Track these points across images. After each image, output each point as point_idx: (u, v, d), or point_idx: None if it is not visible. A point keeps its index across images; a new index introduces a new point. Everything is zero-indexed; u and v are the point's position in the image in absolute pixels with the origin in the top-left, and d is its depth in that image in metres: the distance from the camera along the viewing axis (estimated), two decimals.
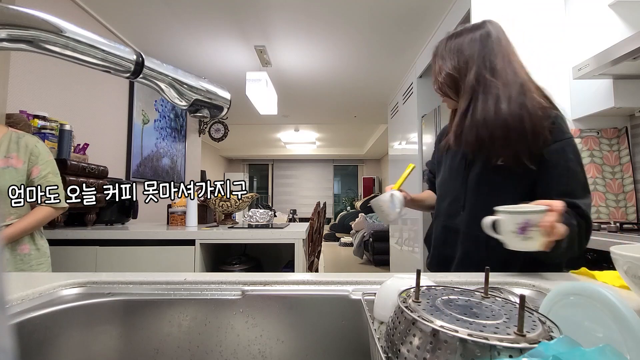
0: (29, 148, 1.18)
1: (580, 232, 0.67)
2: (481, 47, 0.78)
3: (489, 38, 0.78)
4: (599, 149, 1.72)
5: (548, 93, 0.81)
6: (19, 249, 1.17)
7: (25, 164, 1.16)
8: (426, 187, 1.15)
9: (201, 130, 4.43)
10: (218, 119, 3.60)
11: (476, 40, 0.79)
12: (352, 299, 0.58)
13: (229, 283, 0.60)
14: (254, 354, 0.56)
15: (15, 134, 1.18)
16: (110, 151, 2.62)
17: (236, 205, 1.91)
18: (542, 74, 1.77)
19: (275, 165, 9.83)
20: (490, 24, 0.81)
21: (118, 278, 0.61)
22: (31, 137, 1.22)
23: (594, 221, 1.60)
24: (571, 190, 0.71)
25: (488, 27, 0.80)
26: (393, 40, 2.74)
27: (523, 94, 0.74)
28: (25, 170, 1.16)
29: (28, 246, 1.19)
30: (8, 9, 0.26)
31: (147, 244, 1.62)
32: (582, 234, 0.68)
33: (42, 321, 0.50)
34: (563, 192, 0.70)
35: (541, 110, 0.74)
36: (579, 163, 0.74)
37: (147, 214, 3.02)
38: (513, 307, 0.32)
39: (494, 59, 0.77)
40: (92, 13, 2.33)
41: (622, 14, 1.53)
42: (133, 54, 0.34)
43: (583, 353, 0.22)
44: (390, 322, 0.33)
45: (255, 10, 2.35)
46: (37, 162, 1.19)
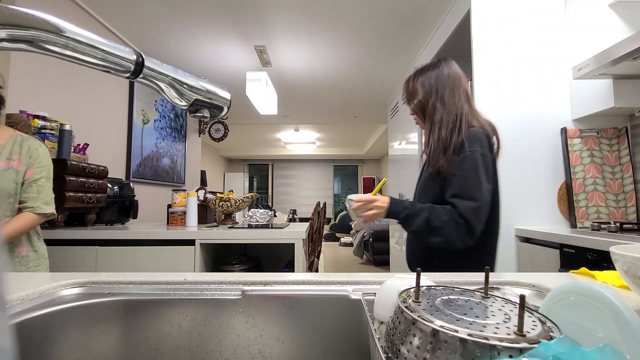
0: (30, 151, 1.19)
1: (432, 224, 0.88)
2: (436, 82, 1.00)
3: (442, 75, 1.00)
4: (599, 149, 1.72)
5: (482, 116, 1.01)
6: (17, 251, 1.17)
7: (24, 166, 1.17)
8: None
9: (201, 130, 4.43)
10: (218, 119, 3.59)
11: (433, 77, 1.01)
12: (352, 299, 0.58)
13: (229, 283, 0.60)
14: (254, 354, 0.56)
15: (20, 137, 1.19)
16: (110, 151, 2.62)
17: (236, 205, 1.91)
18: (542, 74, 1.78)
19: (275, 165, 9.83)
20: (445, 62, 1.03)
21: (118, 278, 0.61)
22: (35, 140, 1.23)
23: (594, 221, 1.60)
24: (457, 194, 0.89)
25: (442, 66, 1.02)
26: (393, 40, 2.74)
27: (459, 120, 0.95)
28: (23, 172, 1.17)
29: (26, 248, 1.19)
30: (8, 9, 0.26)
31: (147, 244, 1.62)
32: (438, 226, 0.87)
33: (42, 321, 0.50)
34: (451, 194, 0.90)
35: (467, 132, 0.93)
36: (475, 172, 0.89)
37: (147, 214, 3.02)
38: (513, 307, 0.32)
39: (444, 91, 0.98)
40: (92, 13, 2.33)
41: (622, 14, 1.53)
42: (133, 54, 0.34)
43: (583, 353, 0.22)
44: (390, 322, 0.33)
45: (255, 10, 2.35)
46: (33, 165, 1.19)
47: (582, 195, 1.69)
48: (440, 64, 1.02)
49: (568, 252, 1.34)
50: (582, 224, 1.67)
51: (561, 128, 1.77)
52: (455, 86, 0.98)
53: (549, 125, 1.78)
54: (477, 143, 0.91)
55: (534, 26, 1.81)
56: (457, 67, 1.02)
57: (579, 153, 1.72)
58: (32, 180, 1.18)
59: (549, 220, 1.74)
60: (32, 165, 1.19)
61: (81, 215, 1.79)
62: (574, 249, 1.31)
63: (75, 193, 1.63)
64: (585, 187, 1.69)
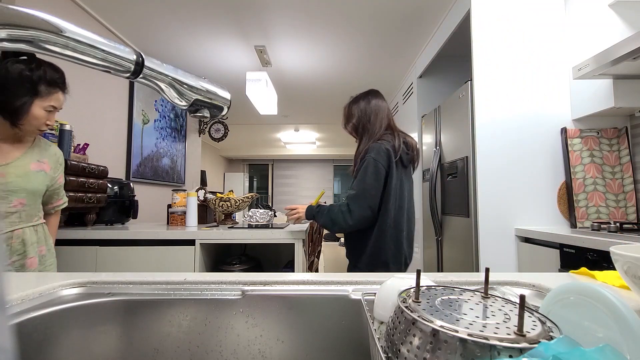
0: (57, 157, 1.27)
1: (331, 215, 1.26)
2: (365, 109, 1.34)
3: (369, 104, 1.34)
4: (599, 149, 1.72)
5: (405, 138, 1.32)
6: (38, 250, 1.20)
7: (52, 170, 1.23)
8: (426, 188, 1.38)
9: (201, 130, 4.43)
10: (218, 119, 3.60)
11: (363, 104, 1.35)
12: (352, 299, 0.58)
13: (229, 283, 0.60)
14: (254, 354, 0.56)
15: (43, 140, 1.25)
16: (110, 151, 2.62)
17: (236, 205, 1.91)
18: (542, 74, 1.78)
19: (275, 165, 9.82)
20: (372, 94, 1.36)
21: (118, 278, 0.61)
22: (54, 145, 1.31)
23: (594, 221, 1.61)
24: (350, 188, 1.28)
25: (370, 97, 1.35)
26: (393, 40, 2.74)
27: (373, 137, 1.29)
28: (52, 176, 1.24)
29: (44, 248, 1.22)
30: (8, 9, 0.26)
31: (147, 244, 1.62)
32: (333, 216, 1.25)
33: (42, 321, 0.50)
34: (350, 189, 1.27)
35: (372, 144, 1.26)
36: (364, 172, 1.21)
37: (147, 214, 3.02)
38: (513, 307, 0.32)
39: (370, 115, 1.32)
40: (92, 13, 2.33)
41: (622, 14, 1.53)
42: (133, 54, 0.34)
43: (583, 353, 0.22)
44: (390, 322, 0.33)
45: (255, 10, 2.35)
46: (62, 172, 1.31)
47: (582, 195, 1.69)
48: (369, 95, 1.36)
49: (568, 252, 1.35)
50: (582, 224, 1.67)
51: (561, 128, 1.77)
52: (379, 113, 1.32)
53: (549, 125, 1.78)
54: (374, 152, 1.22)
55: (534, 26, 1.81)
56: (382, 99, 1.36)
57: (579, 153, 1.72)
58: (61, 185, 1.31)
59: (549, 220, 1.74)
60: (61, 172, 1.30)
61: (81, 215, 1.79)
62: (574, 249, 1.31)
63: (75, 193, 1.63)
64: (585, 187, 1.69)
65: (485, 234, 1.74)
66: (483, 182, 1.76)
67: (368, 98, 1.35)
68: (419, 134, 2.79)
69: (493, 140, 1.77)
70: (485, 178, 1.76)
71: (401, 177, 1.26)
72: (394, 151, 1.24)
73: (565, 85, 1.78)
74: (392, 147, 1.24)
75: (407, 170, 1.33)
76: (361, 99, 1.36)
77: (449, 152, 2.16)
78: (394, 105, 3.78)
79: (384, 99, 1.37)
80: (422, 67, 2.75)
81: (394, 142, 1.26)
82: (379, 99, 1.35)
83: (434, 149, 2.38)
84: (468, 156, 1.86)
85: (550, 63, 1.79)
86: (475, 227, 1.78)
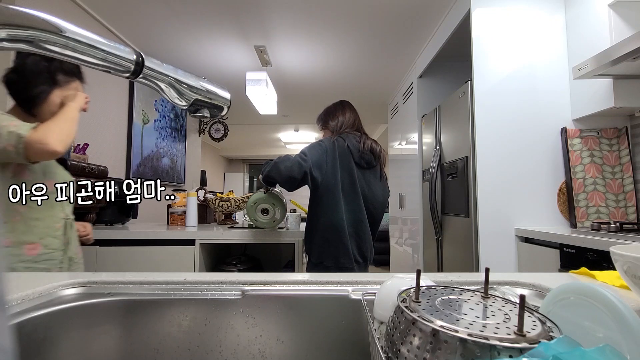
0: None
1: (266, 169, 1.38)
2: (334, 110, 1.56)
3: (338, 111, 1.54)
4: (599, 149, 1.72)
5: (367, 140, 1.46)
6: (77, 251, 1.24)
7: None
8: (426, 188, 1.37)
9: (201, 130, 4.43)
10: (218, 119, 3.59)
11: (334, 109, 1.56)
12: (352, 299, 0.58)
13: (229, 283, 0.60)
14: (254, 354, 0.56)
15: None
16: (110, 151, 2.62)
17: (236, 205, 1.91)
18: (542, 74, 1.78)
19: None
20: (344, 102, 1.58)
21: (118, 278, 0.61)
22: None
23: (594, 221, 1.61)
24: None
25: (344, 104, 1.57)
26: (393, 40, 2.74)
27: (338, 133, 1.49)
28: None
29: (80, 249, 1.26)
30: (8, 9, 0.26)
31: (147, 244, 1.62)
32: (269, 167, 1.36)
33: (42, 321, 0.50)
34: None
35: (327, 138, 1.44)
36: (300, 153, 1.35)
37: (147, 214, 3.02)
38: (513, 307, 0.32)
39: (338, 119, 1.53)
40: (92, 13, 2.33)
41: (622, 14, 1.53)
42: (133, 54, 0.34)
43: (583, 353, 0.22)
44: (390, 322, 0.33)
45: (255, 10, 2.35)
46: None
47: (582, 195, 1.69)
48: (341, 105, 1.57)
49: (568, 252, 1.35)
50: (582, 224, 1.67)
51: (561, 128, 1.77)
52: (345, 118, 1.52)
53: (549, 125, 1.78)
54: (322, 141, 1.41)
55: (534, 26, 1.81)
56: (351, 107, 1.56)
57: (579, 153, 1.72)
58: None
59: (549, 220, 1.74)
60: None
61: (81, 215, 1.79)
62: (574, 249, 1.31)
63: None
64: (585, 187, 1.69)
65: (485, 234, 1.74)
66: (483, 182, 1.76)
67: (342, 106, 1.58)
68: (419, 134, 2.79)
69: (493, 140, 1.77)
70: (485, 178, 1.76)
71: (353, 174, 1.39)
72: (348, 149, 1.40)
73: (565, 85, 1.78)
74: (336, 142, 1.41)
75: (372, 170, 1.46)
76: (334, 107, 1.59)
77: (449, 152, 2.16)
78: (394, 105, 3.78)
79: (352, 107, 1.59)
80: (422, 67, 2.75)
81: (351, 142, 1.41)
82: (349, 107, 1.57)
83: (434, 149, 2.38)
84: (468, 156, 1.86)
85: (550, 63, 1.79)
86: (475, 227, 1.78)
